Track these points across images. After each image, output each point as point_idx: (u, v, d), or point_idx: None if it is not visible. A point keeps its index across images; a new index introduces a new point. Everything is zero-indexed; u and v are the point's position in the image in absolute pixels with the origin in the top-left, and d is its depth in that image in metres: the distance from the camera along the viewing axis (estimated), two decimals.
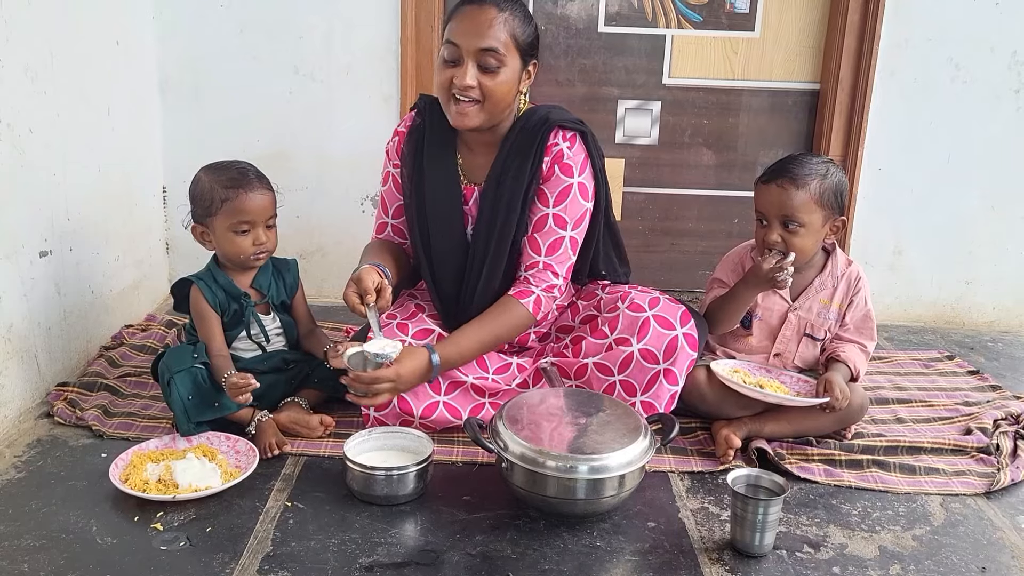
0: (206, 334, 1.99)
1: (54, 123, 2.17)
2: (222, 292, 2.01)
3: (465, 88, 1.89)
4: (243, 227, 1.96)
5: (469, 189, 2.09)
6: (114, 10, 2.53)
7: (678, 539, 1.66)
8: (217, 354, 1.97)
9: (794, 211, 2.00)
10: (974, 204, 2.94)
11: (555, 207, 2.01)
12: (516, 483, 1.68)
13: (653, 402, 1.98)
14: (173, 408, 1.89)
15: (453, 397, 2.02)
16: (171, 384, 1.89)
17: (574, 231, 2.03)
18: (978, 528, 1.74)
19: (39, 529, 1.61)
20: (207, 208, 1.96)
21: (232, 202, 1.94)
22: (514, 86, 1.95)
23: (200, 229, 2.01)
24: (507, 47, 1.90)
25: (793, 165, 2.03)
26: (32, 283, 2.08)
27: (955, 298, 3.04)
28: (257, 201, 1.96)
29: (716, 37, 2.94)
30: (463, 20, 1.90)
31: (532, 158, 2.00)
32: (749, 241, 2.21)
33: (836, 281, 2.12)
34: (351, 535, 1.63)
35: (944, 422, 2.19)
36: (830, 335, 2.13)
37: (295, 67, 2.84)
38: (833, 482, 1.88)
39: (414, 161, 2.09)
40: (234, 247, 1.97)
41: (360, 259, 2.05)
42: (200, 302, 1.99)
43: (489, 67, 1.89)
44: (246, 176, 1.98)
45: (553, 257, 2.01)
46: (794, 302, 2.12)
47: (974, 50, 2.81)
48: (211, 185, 1.96)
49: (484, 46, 1.88)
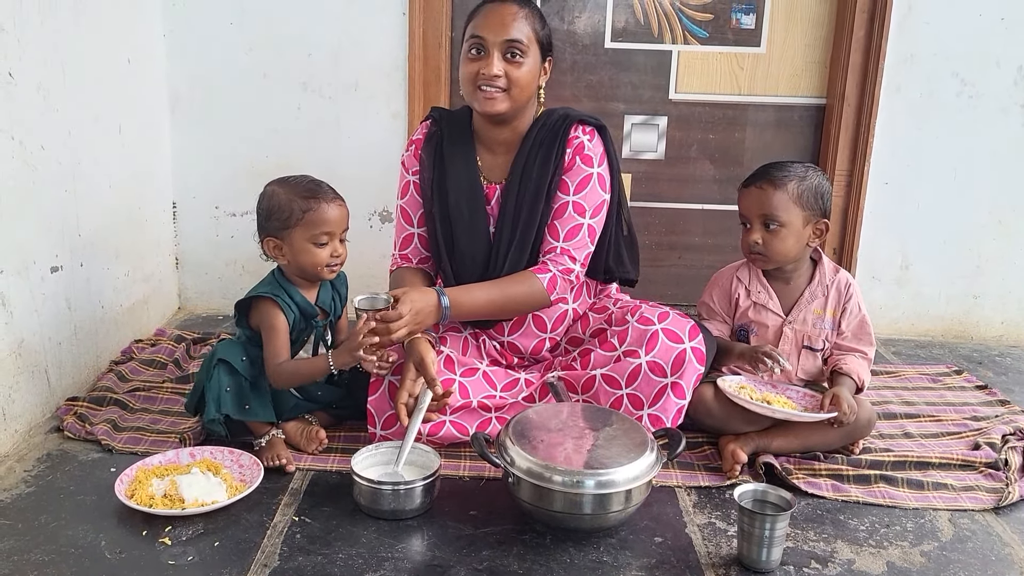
0: (276, 348, 1.95)
1: (66, 140, 2.20)
2: (297, 308, 2.00)
3: (492, 77, 1.98)
4: (323, 238, 1.96)
5: (491, 188, 2.13)
6: (125, 29, 2.57)
7: (685, 554, 1.66)
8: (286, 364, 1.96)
9: (773, 210, 2.03)
10: (981, 218, 2.94)
11: (575, 195, 2.06)
12: (523, 498, 1.69)
13: (660, 415, 1.98)
14: (208, 392, 1.90)
15: (460, 416, 2.02)
16: (216, 368, 1.90)
17: (592, 219, 2.06)
18: (987, 544, 1.73)
19: (48, 543, 1.62)
20: (285, 220, 1.95)
21: (313, 213, 1.94)
22: (535, 77, 2.04)
23: (274, 242, 1.98)
24: (529, 39, 2.00)
25: (773, 168, 2.08)
26: (43, 298, 2.10)
27: (963, 312, 3.03)
28: (335, 212, 1.97)
29: (722, 53, 2.96)
30: (488, 16, 2.00)
31: (555, 151, 2.07)
32: (735, 263, 2.22)
33: (826, 290, 2.13)
34: (358, 550, 1.63)
35: (952, 437, 2.19)
36: (828, 344, 2.13)
37: (304, 84, 2.87)
38: (841, 497, 1.87)
39: (434, 165, 2.14)
40: (312, 258, 1.96)
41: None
42: (278, 316, 1.95)
43: (515, 57, 1.98)
44: (322, 188, 1.99)
45: (571, 243, 2.05)
46: (787, 316, 2.13)
47: (980, 65, 2.82)
48: (289, 197, 1.95)
49: (509, 37, 1.97)
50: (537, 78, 2.05)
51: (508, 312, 2.09)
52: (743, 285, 2.17)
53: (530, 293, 2.03)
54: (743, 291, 2.17)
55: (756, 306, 2.14)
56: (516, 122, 2.09)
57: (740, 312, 2.17)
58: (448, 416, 2.01)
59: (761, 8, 2.92)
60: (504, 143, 2.12)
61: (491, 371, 2.12)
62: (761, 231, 2.05)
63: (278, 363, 1.95)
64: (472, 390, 2.05)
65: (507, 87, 1.99)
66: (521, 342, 2.19)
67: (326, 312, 2.09)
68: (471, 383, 2.06)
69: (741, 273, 2.19)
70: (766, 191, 2.04)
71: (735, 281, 2.19)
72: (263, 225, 2.00)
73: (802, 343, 2.13)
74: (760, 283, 2.15)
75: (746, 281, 2.17)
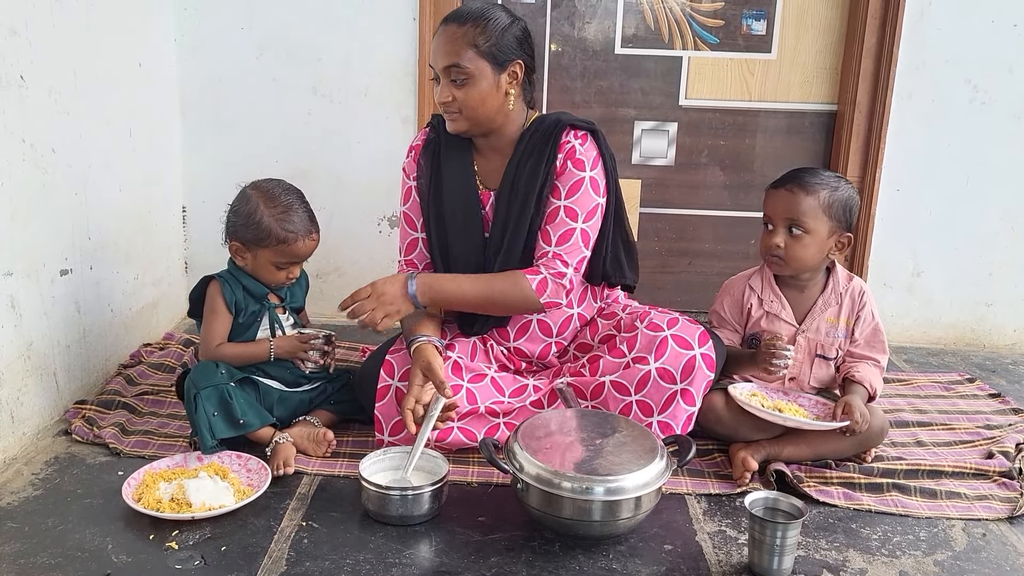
0: (214, 329, 2.03)
1: (76, 144, 2.20)
2: (242, 291, 2.04)
3: (443, 104, 2.02)
4: (287, 265, 2.04)
5: (486, 194, 2.13)
6: (136, 33, 2.58)
7: (695, 562, 1.64)
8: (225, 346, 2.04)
9: (801, 215, 2.00)
10: (993, 225, 2.92)
11: (567, 199, 2.04)
12: (531, 504, 1.67)
13: (670, 422, 1.97)
14: (197, 424, 1.90)
15: (468, 422, 2.01)
16: (197, 399, 1.90)
17: (586, 223, 2.04)
18: (1001, 554, 1.71)
19: (55, 547, 1.62)
20: (258, 239, 2.00)
21: (288, 246, 2.01)
22: (492, 92, 2.01)
23: (238, 247, 2.03)
24: (470, 60, 1.97)
25: (806, 173, 2.05)
26: (52, 301, 2.10)
27: (975, 320, 3.01)
28: (308, 248, 2.06)
29: (732, 59, 2.95)
30: (433, 43, 2.03)
31: (546, 157, 2.05)
32: (747, 271, 2.21)
33: (840, 298, 2.11)
34: (365, 555, 1.62)
35: (965, 446, 2.17)
36: (842, 352, 2.11)
37: (314, 88, 2.87)
38: (852, 506, 1.86)
39: (431, 171, 2.15)
40: (270, 276, 2.05)
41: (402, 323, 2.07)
42: (216, 298, 2.03)
43: (458, 81, 1.99)
44: (304, 221, 2.03)
45: (563, 247, 2.03)
46: (801, 324, 2.11)
47: (992, 71, 2.80)
48: (270, 222, 1.99)
49: (446, 64, 1.99)
50: (496, 92, 2.01)
51: (495, 308, 2.06)
52: (755, 294, 2.15)
53: (515, 292, 2.01)
54: (755, 300, 2.15)
55: (769, 315, 2.13)
56: (503, 130, 2.09)
57: (752, 321, 2.15)
58: (456, 423, 2.00)
59: (772, 14, 2.91)
60: (497, 149, 2.12)
61: (499, 377, 2.11)
62: (784, 235, 2.03)
63: (216, 345, 2.02)
64: (480, 396, 2.04)
65: (459, 109, 2.01)
66: (528, 347, 2.18)
67: (280, 297, 2.12)
68: (479, 389, 2.05)
69: (753, 281, 2.17)
70: (796, 195, 2.01)
71: (747, 290, 2.17)
72: (235, 227, 2.03)
73: (815, 352, 2.11)
74: (773, 292, 2.13)
75: (759, 290, 2.15)
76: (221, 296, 2.02)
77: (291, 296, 2.15)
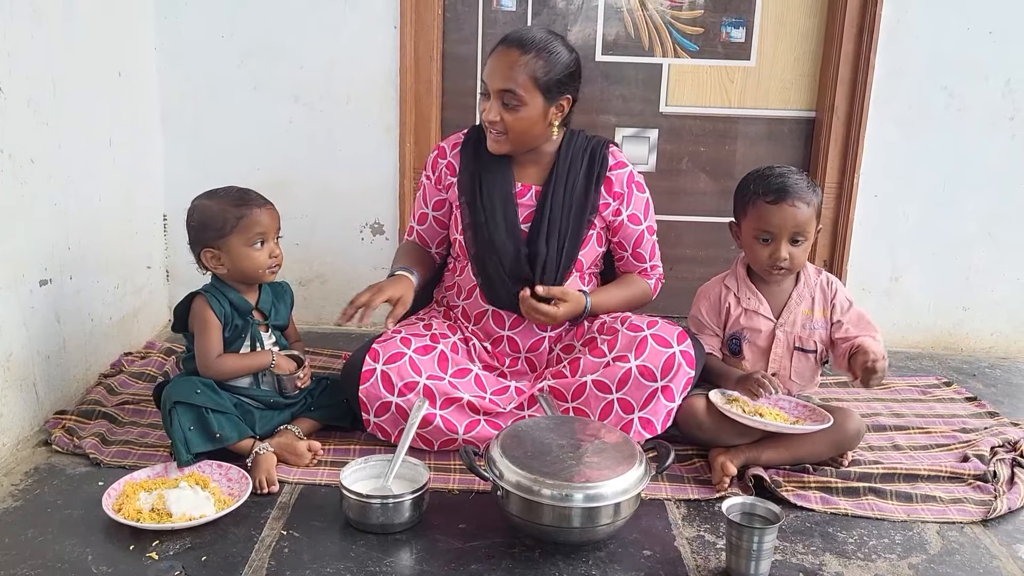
0: (211, 343, 2.00)
1: (56, 153, 2.20)
2: (229, 305, 2.03)
3: (489, 122, 2.10)
4: (259, 239, 2.01)
5: (526, 186, 2.22)
6: (116, 42, 2.57)
7: (674, 568, 1.66)
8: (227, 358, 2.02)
9: (804, 226, 2.06)
10: (970, 230, 2.96)
11: (646, 220, 2.27)
12: (512, 511, 1.68)
13: (651, 418, 2.02)
14: (173, 437, 1.90)
15: (450, 412, 2.05)
16: (172, 413, 1.90)
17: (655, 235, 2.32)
18: (975, 557, 1.74)
19: (35, 558, 1.61)
20: (220, 229, 1.99)
21: (247, 218, 1.99)
22: (539, 121, 2.10)
23: (212, 252, 2.01)
24: (526, 88, 2.04)
25: (790, 183, 2.07)
26: (32, 312, 2.10)
27: (952, 324, 3.04)
28: (268, 214, 2.04)
29: (712, 66, 2.97)
30: (492, 61, 2.09)
31: (596, 170, 2.20)
32: (720, 274, 2.25)
33: (812, 291, 2.16)
34: (347, 564, 1.63)
35: (941, 449, 2.19)
36: (822, 345, 2.14)
37: (296, 96, 2.87)
38: (829, 510, 1.88)
39: (474, 165, 2.22)
40: (251, 262, 2.01)
41: (394, 260, 2.29)
42: (206, 311, 2.00)
43: (510, 105, 2.06)
44: (250, 194, 2.05)
45: (655, 259, 2.33)
46: (778, 319, 2.14)
47: (968, 78, 2.84)
48: (221, 207, 1.99)
49: (502, 87, 2.05)
50: (542, 121, 2.11)
51: (632, 305, 2.28)
52: (732, 293, 2.18)
53: (645, 292, 2.30)
54: (733, 299, 2.18)
55: (748, 312, 2.16)
56: (540, 148, 2.19)
57: (732, 320, 2.18)
58: (439, 410, 2.03)
59: (751, 22, 2.93)
60: (534, 159, 2.22)
61: (483, 375, 2.15)
62: (788, 246, 2.06)
63: (216, 357, 2.00)
64: (462, 388, 2.08)
65: (505, 131, 2.09)
66: (520, 337, 2.24)
67: (264, 314, 2.11)
68: (462, 383, 2.09)
69: (729, 281, 2.20)
70: (800, 209, 2.05)
71: (723, 290, 2.20)
72: (197, 238, 2.03)
73: (793, 345, 2.14)
74: (749, 289, 2.16)
75: (735, 288, 2.18)
76: (210, 308, 2.00)
77: (275, 313, 2.13)
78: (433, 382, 2.04)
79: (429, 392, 2.03)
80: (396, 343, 2.09)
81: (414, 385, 2.03)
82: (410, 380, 2.03)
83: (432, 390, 2.03)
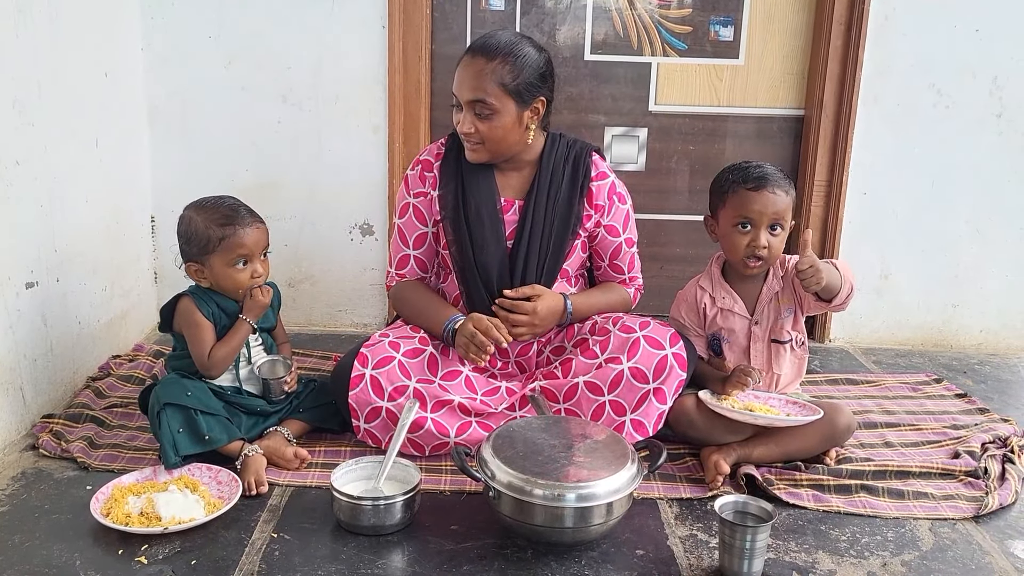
0: (205, 341, 2.00)
1: (41, 155, 2.18)
2: (215, 306, 2.03)
3: (464, 134, 2.08)
4: (242, 260, 2.00)
5: (509, 201, 2.19)
6: (103, 42, 2.55)
7: (666, 567, 1.65)
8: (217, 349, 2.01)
9: (783, 214, 2.06)
10: (959, 227, 2.97)
11: (625, 232, 2.26)
12: (504, 512, 1.68)
13: (643, 420, 2.01)
14: (161, 440, 1.88)
15: (441, 415, 2.03)
16: (161, 415, 1.89)
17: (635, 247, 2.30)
18: (967, 553, 1.74)
19: (23, 563, 1.60)
20: (203, 247, 1.99)
21: (230, 239, 1.98)
22: (514, 127, 2.08)
23: (195, 267, 2.02)
24: (496, 96, 2.02)
25: (769, 172, 2.07)
26: (18, 315, 2.08)
27: (942, 321, 3.05)
28: (253, 235, 2.01)
29: (701, 65, 2.97)
30: (459, 71, 2.07)
31: (580, 180, 2.18)
32: (696, 276, 2.25)
33: (780, 283, 2.16)
34: (338, 566, 1.62)
35: (932, 446, 2.20)
36: (794, 333, 2.15)
37: (283, 97, 2.86)
38: (822, 507, 1.88)
39: (455, 179, 2.18)
40: (233, 282, 2.01)
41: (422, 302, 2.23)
42: (194, 312, 2.00)
43: (482, 115, 2.04)
44: (238, 212, 2.02)
45: (635, 270, 2.32)
46: (753, 316, 2.15)
47: (956, 76, 2.84)
48: (206, 225, 1.98)
49: (472, 98, 2.03)
50: (517, 126, 2.09)
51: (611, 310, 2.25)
52: (707, 293, 2.18)
53: (624, 299, 2.29)
54: (708, 300, 2.18)
55: (723, 312, 2.16)
56: (521, 154, 2.17)
57: (709, 321, 2.19)
58: (430, 413, 2.02)
59: (739, 20, 2.94)
60: (517, 168, 2.20)
61: (473, 376, 2.14)
62: (767, 234, 2.06)
63: (210, 351, 2.00)
64: (452, 390, 2.07)
65: (481, 140, 2.07)
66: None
67: None
68: (452, 386, 2.08)
69: (703, 282, 2.21)
70: (779, 196, 2.05)
71: (699, 291, 2.20)
72: (183, 250, 2.04)
73: (770, 338, 2.15)
74: (723, 288, 2.17)
75: (709, 288, 2.18)
76: (198, 309, 2.00)
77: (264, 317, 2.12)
78: (423, 385, 2.03)
79: (419, 395, 2.02)
80: (384, 347, 2.07)
81: (404, 389, 2.02)
82: (400, 384, 2.02)
83: (422, 393, 2.02)
